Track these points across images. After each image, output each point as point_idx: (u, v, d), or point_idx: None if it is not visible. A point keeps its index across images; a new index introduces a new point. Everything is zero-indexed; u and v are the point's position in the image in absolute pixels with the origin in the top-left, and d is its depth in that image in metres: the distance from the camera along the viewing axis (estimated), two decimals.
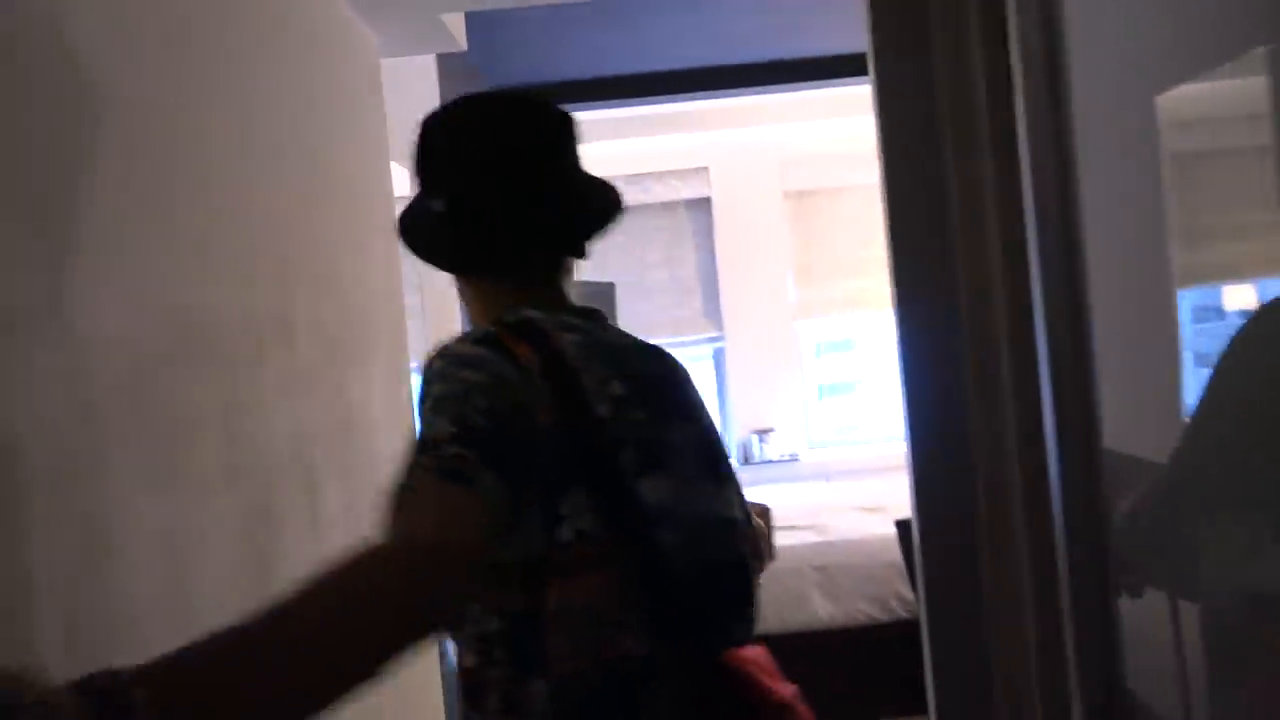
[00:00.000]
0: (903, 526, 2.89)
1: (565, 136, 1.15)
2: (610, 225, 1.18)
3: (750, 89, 4.43)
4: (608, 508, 0.98)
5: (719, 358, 5.73)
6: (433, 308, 3.16)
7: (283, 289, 1.73)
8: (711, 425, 1.17)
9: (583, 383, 1.01)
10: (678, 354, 1.29)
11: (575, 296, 1.22)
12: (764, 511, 1.24)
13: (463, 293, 1.18)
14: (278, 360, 1.67)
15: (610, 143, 5.56)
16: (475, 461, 0.85)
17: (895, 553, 3.32)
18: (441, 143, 1.12)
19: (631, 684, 0.97)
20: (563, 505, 0.96)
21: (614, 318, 4.78)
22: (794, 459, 5.42)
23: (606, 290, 5.46)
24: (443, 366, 0.95)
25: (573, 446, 0.97)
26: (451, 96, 1.18)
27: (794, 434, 5.54)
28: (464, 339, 1.01)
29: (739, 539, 1.08)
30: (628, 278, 5.64)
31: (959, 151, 1.66)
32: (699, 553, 1.02)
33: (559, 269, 1.19)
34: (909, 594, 3.36)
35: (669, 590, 0.98)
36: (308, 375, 1.82)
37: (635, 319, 5.77)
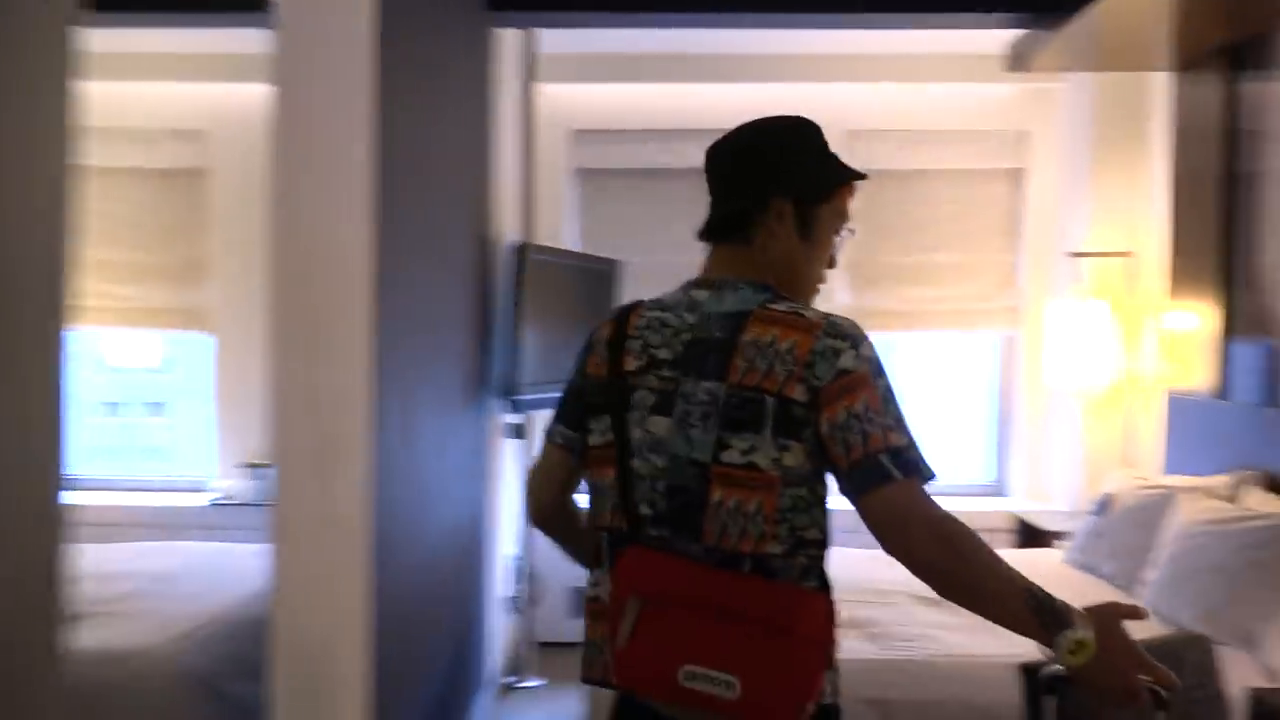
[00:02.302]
0: (1033, 675, 2.05)
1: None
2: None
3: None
4: (614, 432, 1.54)
5: None
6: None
7: None
8: (744, 385, 1.44)
9: (626, 347, 1.56)
10: None
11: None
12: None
13: None
14: None
15: (632, 87, 4.94)
16: (551, 420, 1.70)
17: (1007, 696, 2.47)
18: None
19: (610, 544, 1.55)
20: (592, 424, 1.59)
21: (610, 298, 4.00)
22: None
23: (607, 269, 4.86)
24: None
25: (606, 388, 1.56)
26: None
27: None
28: None
29: (707, 476, 1.45)
30: (641, 257, 5.00)
31: None
32: (669, 478, 1.48)
33: (711, 251, 1.64)
34: None
35: (633, 496, 1.51)
36: None
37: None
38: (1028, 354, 4.94)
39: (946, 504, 1.41)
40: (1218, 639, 2.71)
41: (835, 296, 4.82)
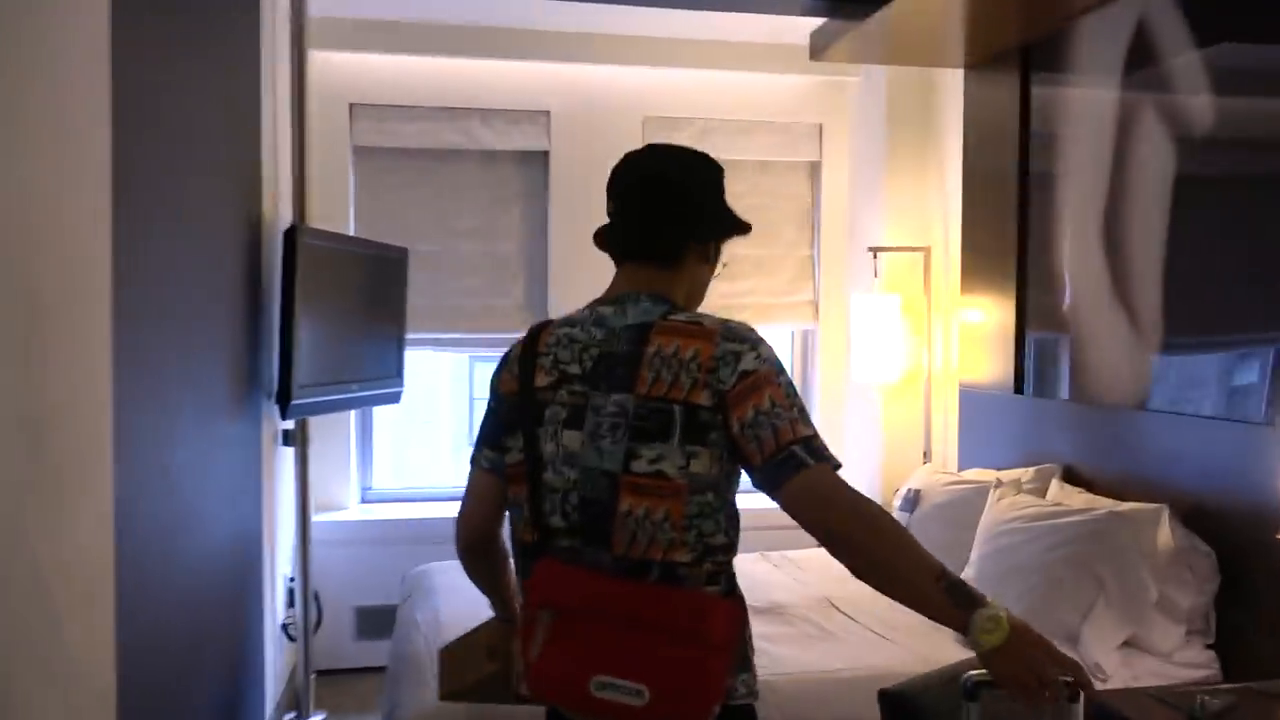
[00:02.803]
0: (891, 699, 1.89)
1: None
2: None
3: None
4: (525, 448, 1.57)
5: None
6: None
7: None
8: (651, 396, 1.50)
9: (538, 364, 1.60)
10: (484, 356, 1.19)
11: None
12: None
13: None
14: None
15: (418, 59, 4.57)
16: (475, 444, 1.71)
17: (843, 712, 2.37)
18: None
19: (524, 557, 1.60)
20: (508, 441, 1.61)
21: (400, 289, 3.64)
22: None
23: (393, 257, 4.47)
24: None
25: (519, 405, 1.59)
26: None
27: None
28: None
29: (617, 486, 1.49)
30: (430, 246, 4.65)
31: None
32: (581, 490, 1.51)
33: (622, 268, 1.72)
34: None
35: (544, 508, 1.54)
36: None
37: (434, 301, 4.79)
38: (825, 349, 4.96)
39: (746, 500, 1.55)
40: None
41: None
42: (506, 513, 1.67)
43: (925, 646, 2.65)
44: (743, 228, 1.71)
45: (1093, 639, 2.60)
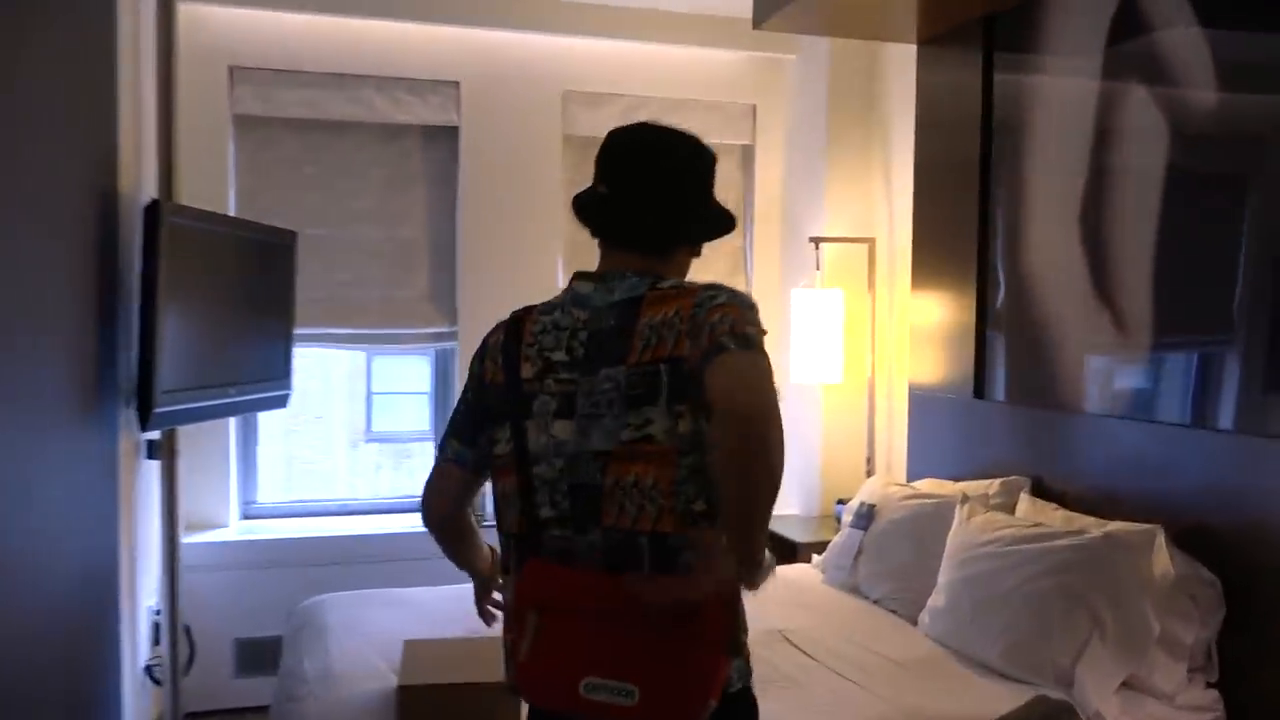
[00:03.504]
0: None
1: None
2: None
3: None
4: (512, 439, 1.55)
5: (445, 364, 4.36)
6: None
7: None
8: (642, 363, 1.47)
9: (523, 354, 1.58)
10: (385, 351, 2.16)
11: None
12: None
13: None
14: None
15: (309, 18, 4.05)
16: (444, 434, 1.71)
17: None
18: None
19: (515, 549, 1.56)
20: (496, 432, 1.59)
21: (288, 278, 3.16)
22: None
23: (283, 243, 3.96)
24: None
25: (505, 396, 1.57)
26: None
27: None
28: None
29: (607, 462, 1.46)
30: (322, 230, 4.14)
31: None
32: (570, 478, 1.49)
33: (608, 250, 1.67)
34: None
35: (535, 499, 1.52)
36: None
37: (326, 292, 4.28)
38: None
39: None
40: (1025, 677, 2.41)
41: (549, 276, 4.23)
42: (479, 495, 1.74)
43: (907, 695, 2.31)
44: (731, 225, 1.69)
45: (1089, 682, 2.29)
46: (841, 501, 3.87)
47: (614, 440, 1.45)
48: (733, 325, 1.40)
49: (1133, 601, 2.33)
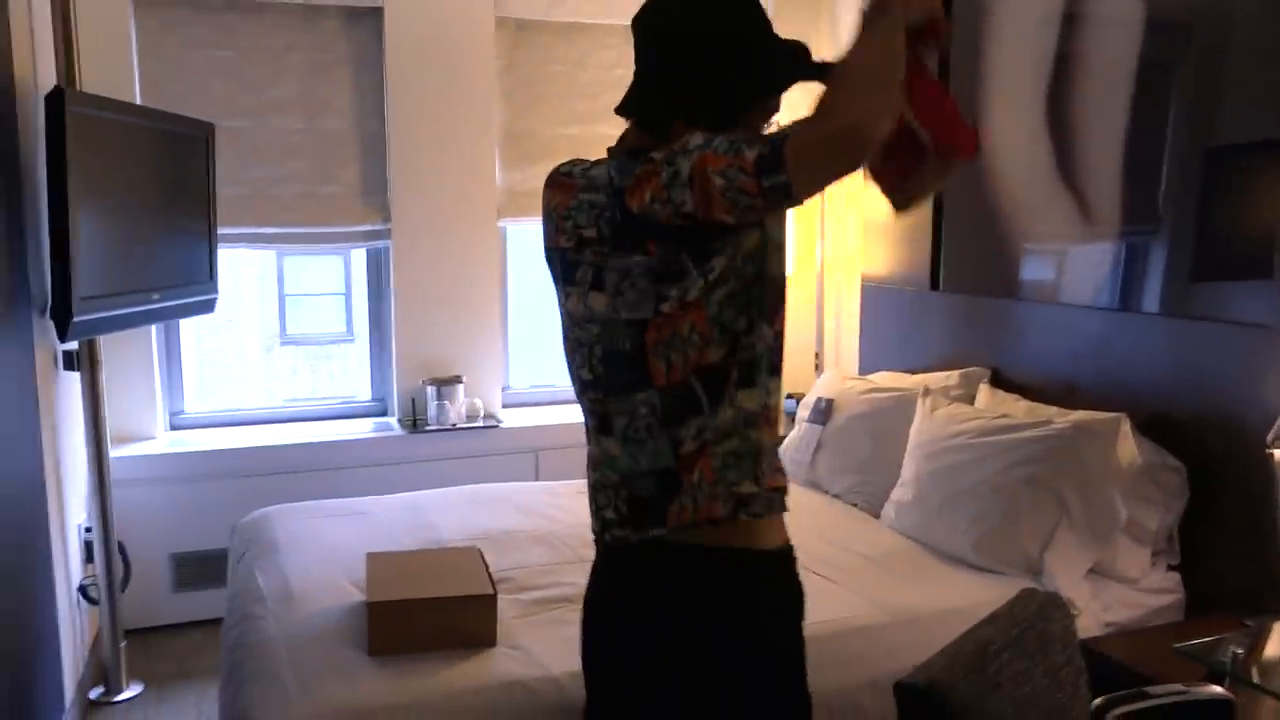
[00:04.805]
0: (915, 699, 1.47)
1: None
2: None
3: None
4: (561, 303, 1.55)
5: (380, 262, 4.16)
6: None
7: None
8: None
9: (560, 226, 1.52)
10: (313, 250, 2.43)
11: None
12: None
13: None
14: None
15: None
16: None
17: None
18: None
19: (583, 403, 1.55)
20: (561, 294, 1.54)
21: (207, 173, 2.98)
22: (493, 424, 4.07)
23: (199, 135, 3.68)
24: None
25: (556, 263, 1.55)
26: None
27: (491, 386, 4.18)
28: None
29: (644, 331, 1.41)
30: (240, 121, 3.87)
31: None
32: (604, 344, 1.46)
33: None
34: None
35: (582, 361, 1.50)
36: None
37: (245, 189, 4.02)
38: None
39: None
40: (996, 568, 2.44)
41: (487, 167, 4.05)
42: None
43: (879, 591, 2.31)
44: (778, 70, 1.47)
45: (1058, 569, 2.33)
46: (792, 396, 3.85)
47: (653, 309, 1.39)
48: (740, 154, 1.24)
49: (1100, 489, 2.35)
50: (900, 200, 1.46)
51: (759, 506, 1.44)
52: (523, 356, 4.45)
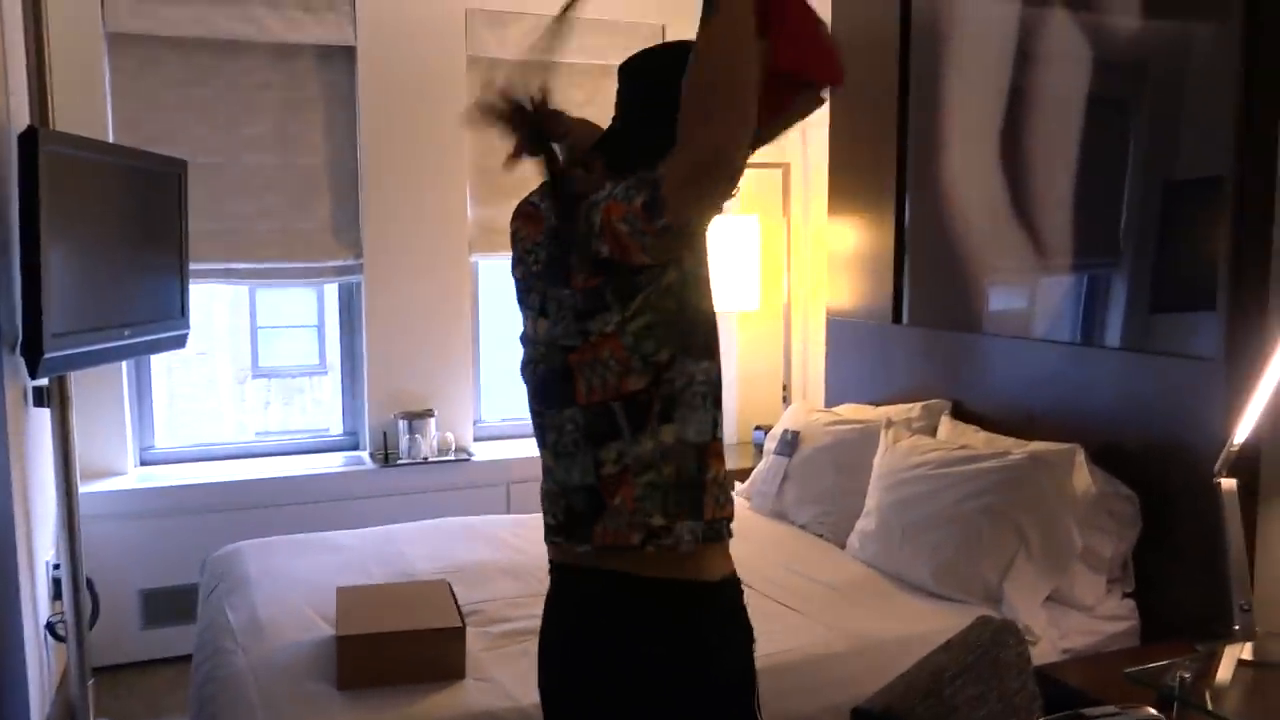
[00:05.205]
0: (867, 719, 1.53)
1: None
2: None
3: None
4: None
5: (352, 295, 4.20)
6: None
7: None
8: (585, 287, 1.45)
9: (519, 256, 1.61)
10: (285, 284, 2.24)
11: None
12: None
13: None
14: None
15: None
16: None
17: None
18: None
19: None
20: (521, 314, 1.59)
21: (179, 210, 3.01)
22: (464, 458, 4.09)
23: (172, 172, 3.72)
24: None
25: (518, 288, 1.61)
26: None
27: (462, 419, 4.21)
28: None
29: (569, 355, 1.46)
30: (215, 158, 3.90)
31: None
32: (546, 363, 1.51)
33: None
34: None
35: (529, 378, 1.57)
36: None
37: (219, 225, 4.06)
38: None
39: None
40: (956, 596, 2.49)
41: (458, 204, 4.10)
42: None
43: (841, 619, 2.36)
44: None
45: (1017, 598, 2.38)
46: (760, 428, 3.91)
47: (574, 337, 1.44)
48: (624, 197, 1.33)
49: (1057, 519, 2.42)
50: (770, 134, 1.49)
51: (669, 540, 1.41)
52: (494, 390, 4.48)
